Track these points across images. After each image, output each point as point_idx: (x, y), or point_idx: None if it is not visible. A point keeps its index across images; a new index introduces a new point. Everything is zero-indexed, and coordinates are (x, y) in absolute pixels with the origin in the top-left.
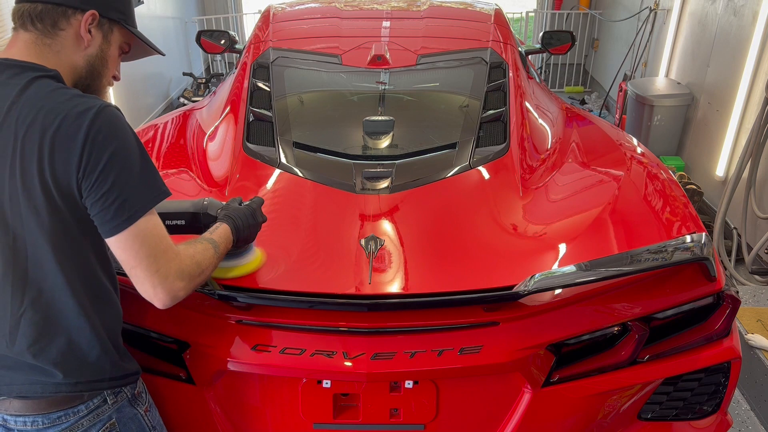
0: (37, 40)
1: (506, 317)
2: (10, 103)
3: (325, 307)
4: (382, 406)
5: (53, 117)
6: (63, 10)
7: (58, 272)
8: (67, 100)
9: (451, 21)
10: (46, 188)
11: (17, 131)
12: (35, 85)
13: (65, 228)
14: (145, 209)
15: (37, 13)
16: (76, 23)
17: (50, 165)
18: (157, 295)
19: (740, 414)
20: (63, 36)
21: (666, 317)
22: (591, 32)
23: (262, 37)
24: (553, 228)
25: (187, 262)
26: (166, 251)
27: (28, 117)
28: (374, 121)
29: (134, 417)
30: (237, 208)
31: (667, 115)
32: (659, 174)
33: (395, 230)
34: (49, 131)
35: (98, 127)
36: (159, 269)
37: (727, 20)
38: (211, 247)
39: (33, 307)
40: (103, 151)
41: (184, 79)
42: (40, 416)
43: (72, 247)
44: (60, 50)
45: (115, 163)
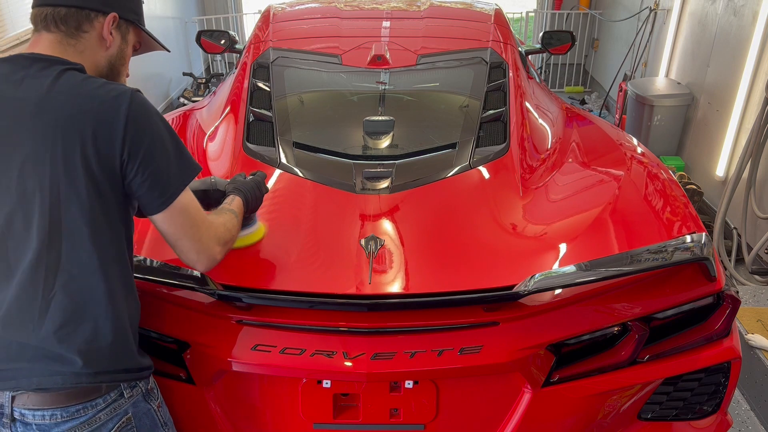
0: (62, 40)
1: (506, 317)
2: (45, 92)
3: (325, 307)
4: (382, 406)
5: (90, 103)
6: (86, 13)
7: (94, 256)
8: (99, 87)
9: (451, 21)
10: (89, 172)
11: (57, 119)
12: (66, 76)
13: (105, 211)
14: (185, 184)
15: (61, 17)
16: (99, 25)
17: (93, 149)
18: (200, 260)
19: (740, 414)
20: (86, 38)
21: (666, 317)
22: (591, 32)
23: (262, 37)
24: (553, 228)
25: (220, 229)
26: (203, 221)
27: (65, 105)
28: (374, 121)
29: (148, 412)
30: (244, 182)
31: (667, 115)
32: (659, 174)
33: (395, 230)
34: (89, 117)
35: (135, 111)
36: (201, 238)
37: (727, 20)
38: (233, 216)
39: (64, 290)
40: (143, 133)
41: (184, 79)
42: (58, 410)
43: (109, 231)
44: (83, 50)
45: (156, 144)
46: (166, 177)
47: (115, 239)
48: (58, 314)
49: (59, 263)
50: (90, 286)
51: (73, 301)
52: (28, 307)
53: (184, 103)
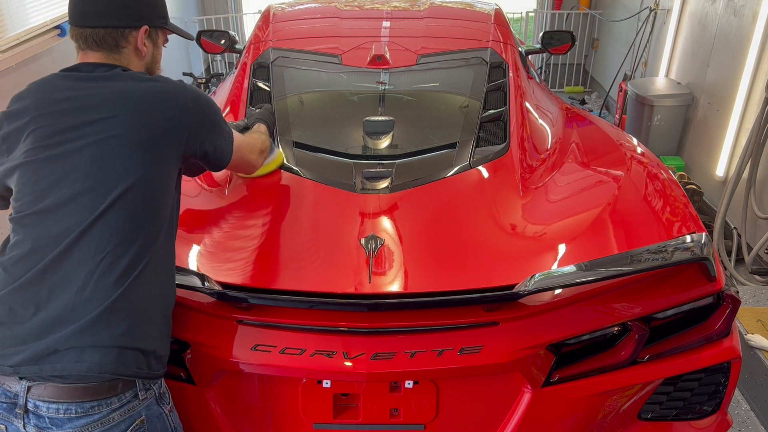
0: (107, 56)
1: (506, 317)
2: (111, 86)
3: (325, 306)
4: (382, 406)
5: (154, 91)
6: (122, 31)
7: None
8: (156, 80)
9: (451, 21)
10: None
11: (129, 105)
12: (126, 75)
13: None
14: (232, 136)
15: (100, 38)
16: (134, 40)
17: (163, 127)
18: (249, 171)
19: (740, 414)
20: (125, 52)
21: (666, 317)
22: (591, 32)
23: (262, 37)
24: (553, 228)
25: (258, 144)
26: (249, 144)
27: (133, 95)
28: (374, 121)
29: (160, 416)
30: (260, 112)
31: (667, 115)
32: (659, 174)
33: (395, 230)
34: (156, 100)
35: (196, 96)
36: (251, 157)
37: (727, 20)
38: (264, 135)
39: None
40: (206, 111)
41: (184, 79)
42: (74, 404)
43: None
44: (127, 63)
45: (216, 118)
46: (228, 140)
47: (169, 213)
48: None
49: (117, 228)
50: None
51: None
52: (79, 271)
53: None
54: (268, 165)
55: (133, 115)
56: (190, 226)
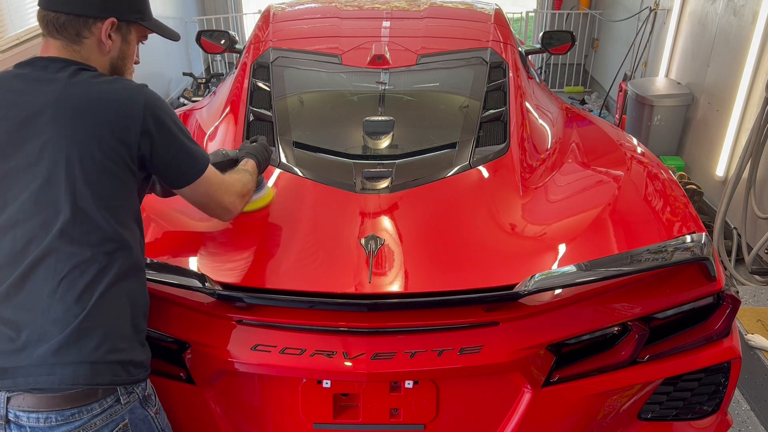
0: (67, 46)
1: (506, 317)
2: (63, 85)
3: (325, 306)
4: (382, 406)
5: (107, 94)
6: (84, 20)
7: (107, 242)
8: (113, 82)
9: (451, 21)
10: (108, 157)
11: (76, 110)
12: (81, 74)
13: (120, 194)
14: (206, 162)
15: (61, 23)
16: (98, 31)
17: (110, 137)
18: (223, 215)
19: (740, 414)
20: (87, 44)
21: (666, 317)
22: (591, 32)
23: (262, 37)
24: (553, 228)
25: (238, 185)
26: (223, 182)
27: (83, 97)
28: (374, 121)
29: (145, 419)
30: (254, 146)
31: (667, 115)
32: (659, 174)
33: (395, 230)
34: (106, 107)
35: (152, 102)
36: (224, 198)
37: (727, 20)
38: (248, 174)
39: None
40: (161, 121)
41: (184, 79)
42: (53, 413)
43: (124, 216)
44: (88, 56)
45: (173, 129)
46: (190, 155)
47: (127, 227)
48: (63, 306)
49: (68, 248)
50: (98, 278)
51: (80, 291)
52: (41, 290)
53: (184, 103)
54: (255, 202)
55: (79, 127)
56: (189, 226)
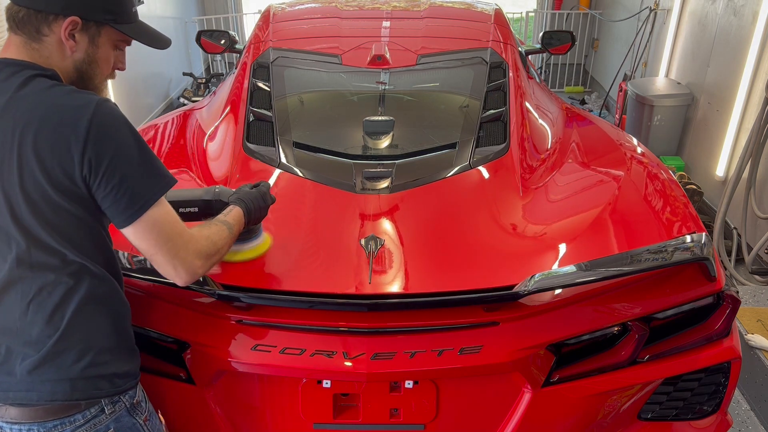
0: (26, 44)
1: (506, 317)
2: (8, 98)
3: (325, 307)
4: (382, 406)
5: (51, 112)
6: (44, 16)
7: (65, 266)
8: (65, 95)
9: (451, 21)
10: (49, 183)
11: (15, 127)
12: (33, 83)
13: (72, 223)
14: (156, 197)
15: (20, 18)
16: (58, 29)
17: (50, 160)
18: (178, 274)
19: (740, 414)
20: (47, 42)
21: (666, 317)
22: (591, 32)
23: (262, 37)
24: (553, 228)
25: (202, 242)
26: (181, 234)
27: (26, 112)
28: (374, 121)
29: (133, 426)
30: (248, 192)
31: (667, 115)
32: (659, 174)
33: (395, 230)
34: (49, 126)
35: (99, 122)
36: (177, 252)
37: (727, 20)
38: (225, 228)
39: (39, 304)
40: (107, 144)
41: (184, 79)
42: (36, 424)
43: (81, 241)
44: (49, 55)
45: (120, 156)
46: (132, 190)
47: (86, 248)
48: (35, 328)
49: (29, 274)
50: (67, 298)
51: (49, 313)
52: (11, 314)
53: (184, 103)
54: (246, 252)
55: (19, 150)
56: (189, 226)
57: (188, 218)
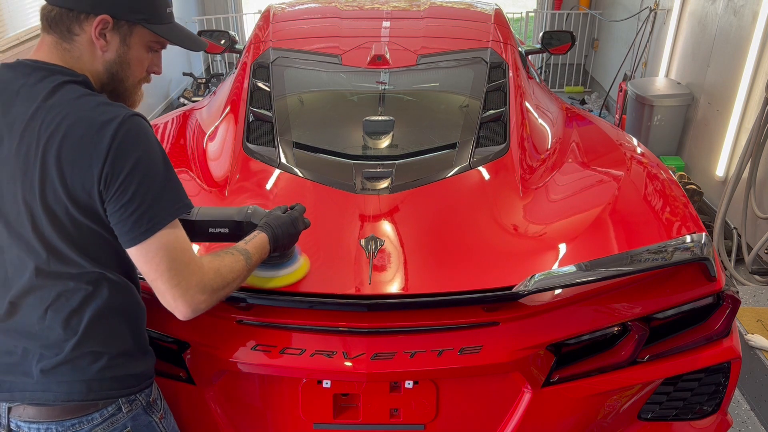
0: (58, 44)
1: (506, 317)
2: (36, 107)
3: (325, 307)
4: (382, 406)
5: (77, 125)
6: (75, 15)
7: (83, 275)
8: (92, 108)
9: (451, 21)
10: (70, 198)
11: (40, 138)
12: (62, 91)
13: (89, 232)
14: (165, 222)
15: (53, 18)
16: (89, 28)
17: (71, 174)
18: (177, 307)
19: (740, 414)
20: (79, 41)
21: (666, 317)
22: (591, 32)
23: (262, 37)
24: (553, 228)
25: (210, 275)
26: (188, 264)
27: (52, 123)
28: (374, 121)
29: (149, 424)
30: (279, 216)
31: (667, 115)
32: (659, 174)
33: (395, 230)
34: (73, 140)
35: (122, 137)
36: (179, 282)
37: (727, 20)
38: (242, 259)
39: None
40: (125, 160)
41: (184, 79)
42: (54, 423)
43: (98, 253)
44: (80, 56)
45: (136, 174)
46: (143, 210)
47: (105, 259)
48: (53, 333)
49: (49, 283)
50: (85, 304)
51: (66, 318)
52: (30, 317)
53: (184, 103)
54: (282, 278)
55: (42, 164)
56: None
57: (218, 239)
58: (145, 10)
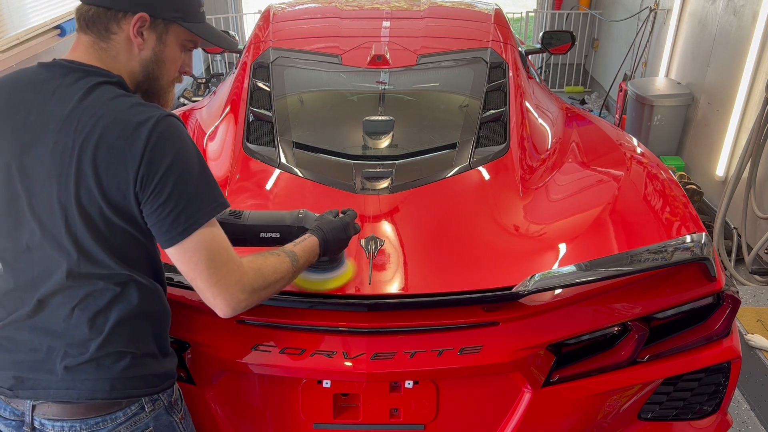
0: (95, 44)
1: (506, 317)
2: (71, 108)
3: (325, 307)
4: (382, 406)
5: (111, 126)
6: (113, 13)
7: (112, 277)
8: (127, 109)
9: (451, 21)
10: (106, 199)
11: (75, 139)
12: (97, 91)
13: (122, 234)
14: (202, 221)
15: (90, 17)
16: (127, 27)
17: (107, 175)
18: (217, 305)
19: (740, 414)
20: (116, 40)
21: (666, 317)
22: (591, 32)
23: (262, 37)
24: (553, 228)
25: (250, 275)
26: (226, 263)
27: (87, 125)
28: (374, 121)
29: (170, 424)
30: (330, 221)
31: (667, 115)
32: (659, 174)
33: (395, 230)
34: (108, 142)
35: (157, 137)
36: (219, 281)
37: (727, 20)
38: (288, 260)
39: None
40: (161, 161)
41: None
42: (77, 421)
43: (129, 253)
44: (116, 55)
45: (172, 174)
46: (180, 210)
47: (136, 262)
48: (79, 332)
49: (78, 284)
50: (112, 305)
51: (92, 317)
52: (56, 316)
53: (184, 103)
54: (331, 281)
55: (77, 164)
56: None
57: (270, 243)
58: (181, 8)
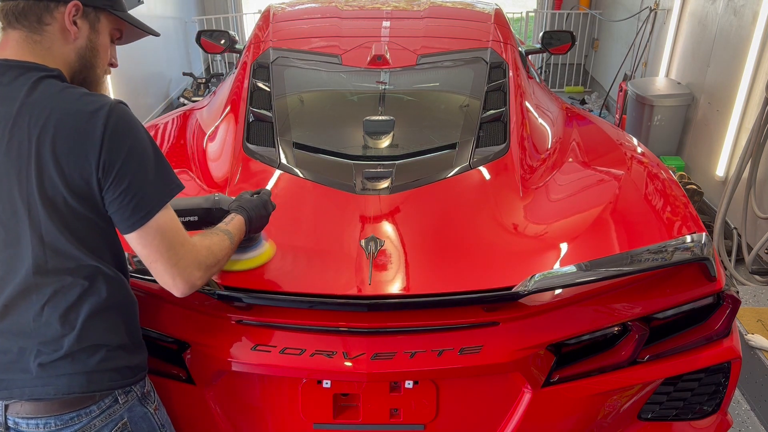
0: (27, 38)
1: (506, 317)
2: (19, 105)
3: (325, 307)
4: (382, 406)
5: (66, 118)
6: (45, 4)
7: (79, 269)
8: (77, 99)
9: (451, 21)
10: (69, 188)
11: (30, 134)
12: (42, 86)
13: (88, 226)
14: (162, 204)
15: (20, 10)
16: (60, 16)
17: (68, 165)
18: (176, 285)
19: (740, 414)
20: (50, 31)
21: (666, 317)
22: (591, 32)
23: (262, 37)
24: (553, 228)
25: (203, 252)
26: (183, 243)
27: (40, 118)
28: (374, 121)
29: (144, 416)
30: (249, 200)
31: (667, 115)
32: (659, 174)
33: (395, 231)
34: (65, 133)
35: (114, 125)
36: (178, 262)
37: (727, 20)
38: (226, 238)
39: (54, 305)
40: (120, 148)
41: (184, 79)
42: (52, 418)
43: (94, 244)
44: (50, 46)
45: (131, 161)
46: (141, 195)
47: (100, 251)
48: (51, 329)
49: (46, 280)
50: (82, 299)
51: (63, 314)
52: (25, 317)
53: (184, 103)
54: (246, 261)
55: (36, 158)
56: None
57: (188, 227)
58: None
